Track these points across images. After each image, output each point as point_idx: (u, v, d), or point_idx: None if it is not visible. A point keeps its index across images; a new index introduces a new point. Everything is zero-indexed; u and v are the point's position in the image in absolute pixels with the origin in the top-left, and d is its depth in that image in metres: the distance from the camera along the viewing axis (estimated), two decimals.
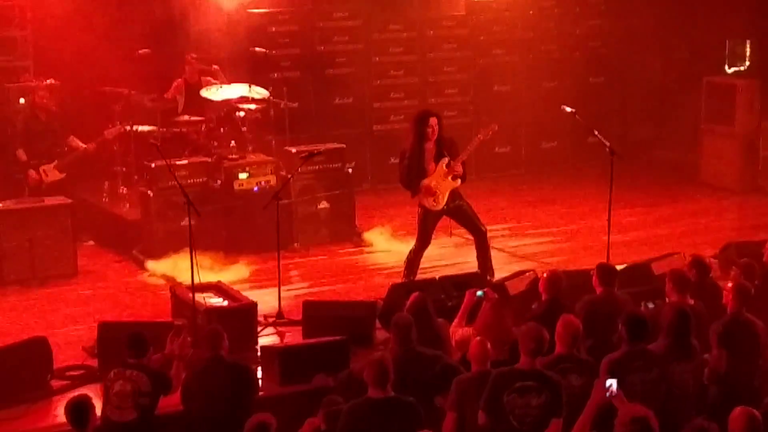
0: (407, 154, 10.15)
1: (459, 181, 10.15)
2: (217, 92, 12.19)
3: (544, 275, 8.35)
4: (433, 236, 10.41)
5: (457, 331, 8.16)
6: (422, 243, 10.32)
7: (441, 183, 10.13)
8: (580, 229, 12.52)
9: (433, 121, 10.05)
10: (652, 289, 9.18)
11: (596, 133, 10.59)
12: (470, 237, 10.58)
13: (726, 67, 14.60)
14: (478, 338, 7.22)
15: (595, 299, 8.23)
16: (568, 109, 10.81)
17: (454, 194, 10.22)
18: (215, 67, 12.68)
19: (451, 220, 10.51)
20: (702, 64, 15.04)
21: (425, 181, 10.11)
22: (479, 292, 8.26)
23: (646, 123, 15.94)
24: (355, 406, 6.67)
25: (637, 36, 15.71)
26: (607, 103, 15.59)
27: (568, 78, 15.19)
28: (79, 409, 6.66)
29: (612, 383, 6.49)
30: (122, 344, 7.50)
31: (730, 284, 7.98)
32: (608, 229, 10.21)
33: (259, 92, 12.26)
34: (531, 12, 15.11)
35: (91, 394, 7.12)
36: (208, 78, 12.61)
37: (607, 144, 10.25)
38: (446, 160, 10.10)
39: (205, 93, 12.21)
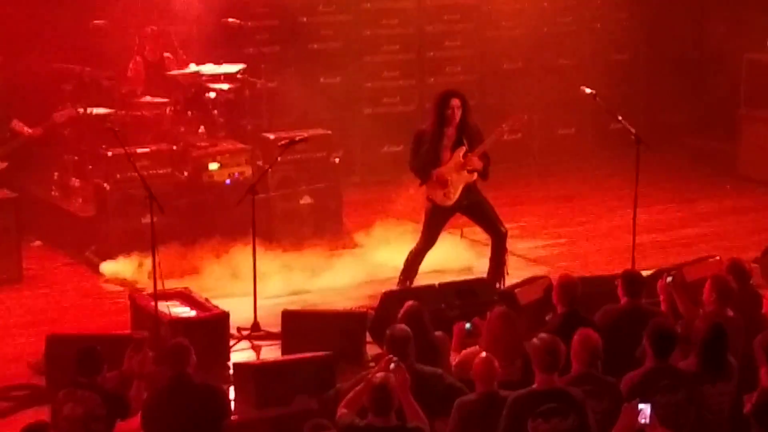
0: (422, 137, 10.18)
1: (475, 174, 10.15)
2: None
3: (556, 282, 8.38)
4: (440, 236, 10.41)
5: (455, 356, 8.18)
6: (426, 242, 10.32)
7: (455, 175, 10.13)
8: (602, 228, 12.55)
9: (455, 102, 10.07)
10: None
11: (620, 118, 10.60)
12: (482, 237, 10.57)
13: None
14: (483, 354, 7.23)
15: (617, 310, 8.25)
16: (588, 91, 10.82)
17: (470, 189, 10.22)
18: (167, 55, 12.61)
19: (465, 218, 10.52)
20: (741, 39, 15.06)
21: (437, 171, 10.11)
22: (467, 325, 8.35)
23: (677, 107, 15.95)
24: None
25: (666, 6, 15.73)
26: (633, 83, 15.62)
27: (588, 55, 15.21)
28: None
29: (645, 408, 6.51)
30: (72, 360, 7.48)
31: None
32: (633, 229, 10.23)
33: (233, 70, 12.24)
34: None
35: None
36: (172, 55, 12.58)
37: (633, 131, 10.27)
38: (463, 149, 10.11)
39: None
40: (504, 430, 6.71)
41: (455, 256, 11.25)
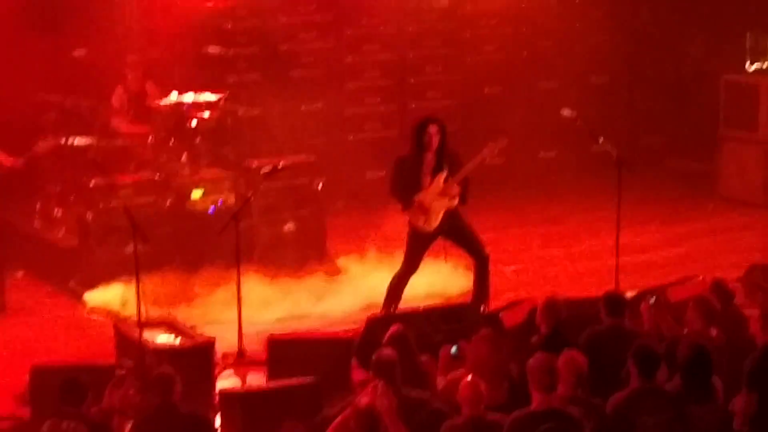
0: (403, 164, 10.26)
1: (456, 200, 10.21)
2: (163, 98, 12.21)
3: (541, 305, 8.41)
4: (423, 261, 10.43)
5: (442, 380, 8.19)
6: (408, 267, 10.37)
7: (435, 201, 10.20)
8: (585, 251, 12.57)
9: (432, 128, 10.17)
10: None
11: (601, 140, 10.66)
12: (465, 260, 10.60)
13: (747, 64, 14.73)
14: (469, 378, 7.24)
15: (600, 331, 8.28)
16: (569, 113, 10.87)
17: (452, 214, 10.28)
18: (149, 84, 12.63)
19: (448, 242, 10.55)
20: (720, 61, 15.16)
21: (418, 197, 10.17)
22: (453, 349, 8.39)
23: (658, 129, 16.03)
24: None
25: (646, 28, 15.83)
26: (613, 106, 15.67)
27: (568, 78, 15.27)
28: None
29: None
30: (57, 391, 7.46)
31: (757, 312, 8.04)
32: (617, 251, 10.26)
33: (214, 98, 12.26)
34: (524, 3, 15.20)
35: None
36: (152, 83, 12.60)
37: (614, 153, 10.31)
38: (443, 175, 10.19)
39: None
40: None
41: (454, 281, 11.24)
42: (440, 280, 11.20)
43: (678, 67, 16.07)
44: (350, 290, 11.25)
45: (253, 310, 10.59)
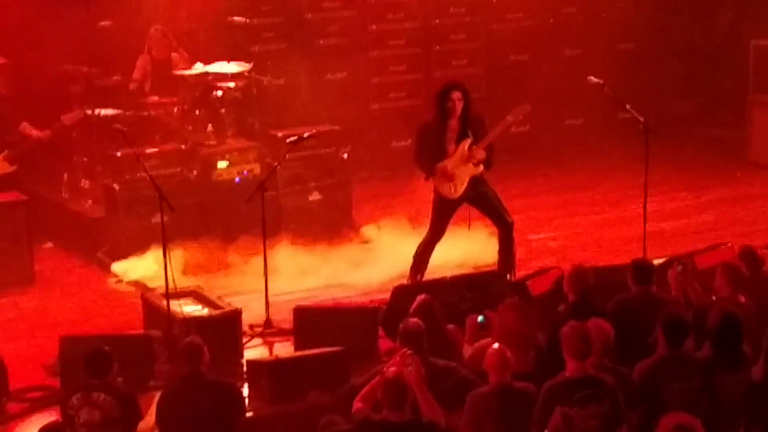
0: (426, 130, 10.21)
1: (482, 167, 10.18)
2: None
3: (568, 272, 8.39)
4: (449, 228, 10.41)
5: (468, 349, 8.19)
6: (434, 234, 10.35)
7: (460, 168, 10.16)
8: (612, 218, 12.54)
9: (455, 95, 10.10)
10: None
11: (628, 107, 10.60)
12: (491, 228, 10.58)
13: None
14: (495, 345, 7.25)
15: (628, 299, 8.26)
16: (596, 81, 10.82)
17: (477, 181, 10.24)
18: (174, 54, 12.63)
19: (472, 209, 10.54)
20: (748, 26, 15.03)
21: (442, 164, 10.14)
22: (480, 318, 8.37)
23: (686, 95, 15.94)
24: (366, 430, 6.68)
25: None
26: (640, 72, 15.59)
27: (595, 44, 15.18)
28: None
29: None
30: (83, 363, 7.49)
31: None
32: (644, 218, 10.22)
33: (239, 68, 12.26)
34: None
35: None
36: (178, 54, 12.61)
37: (641, 120, 10.26)
38: (468, 142, 10.14)
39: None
40: (539, 419, 6.74)
41: (482, 249, 11.20)
42: (466, 248, 11.17)
43: (706, 32, 15.96)
44: (384, 259, 11.22)
45: (290, 279, 10.64)
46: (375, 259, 11.27)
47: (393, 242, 11.60)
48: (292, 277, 10.77)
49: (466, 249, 11.16)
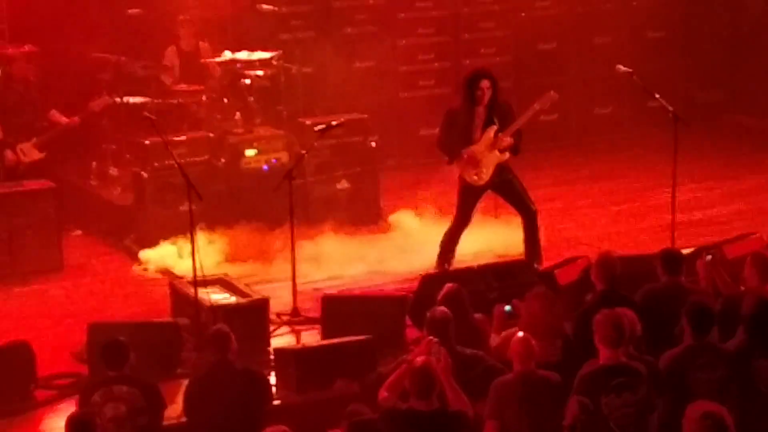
0: (453, 116, 10.22)
1: (507, 154, 10.16)
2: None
3: (595, 261, 8.36)
4: (475, 216, 10.39)
5: (496, 338, 8.18)
6: (460, 222, 10.35)
7: (486, 154, 10.15)
8: (641, 207, 12.49)
9: (485, 83, 10.11)
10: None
11: (657, 96, 10.55)
12: (518, 218, 10.56)
13: None
14: (520, 334, 7.23)
15: (657, 289, 8.23)
16: (624, 69, 10.76)
17: (502, 168, 10.24)
18: (202, 43, 12.64)
19: (497, 197, 10.52)
20: None
21: (468, 150, 10.13)
22: (507, 307, 8.36)
23: (715, 84, 15.84)
24: (392, 419, 6.68)
25: None
26: (670, 61, 15.48)
27: (624, 33, 15.11)
28: (85, 428, 6.64)
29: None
30: (99, 357, 7.48)
31: None
32: (673, 208, 10.18)
33: (268, 56, 12.26)
34: None
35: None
36: (206, 43, 12.62)
37: (671, 108, 10.21)
38: (494, 128, 10.14)
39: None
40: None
41: (509, 238, 11.15)
42: (494, 237, 11.14)
43: (736, 21, 15.84)
44: (421, 248, 11.17)
45: (334, 268, 10.70)
46: (410, 248, 11.23)
47: (423, 230, 11.58)
48: (337, 265, 10.79)
49: (497, 238, 11.13)
